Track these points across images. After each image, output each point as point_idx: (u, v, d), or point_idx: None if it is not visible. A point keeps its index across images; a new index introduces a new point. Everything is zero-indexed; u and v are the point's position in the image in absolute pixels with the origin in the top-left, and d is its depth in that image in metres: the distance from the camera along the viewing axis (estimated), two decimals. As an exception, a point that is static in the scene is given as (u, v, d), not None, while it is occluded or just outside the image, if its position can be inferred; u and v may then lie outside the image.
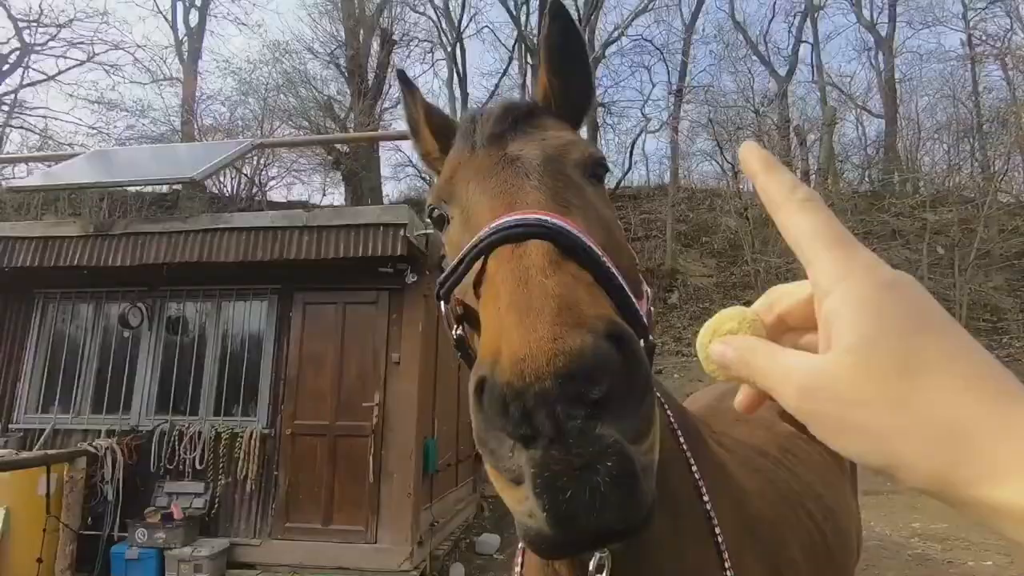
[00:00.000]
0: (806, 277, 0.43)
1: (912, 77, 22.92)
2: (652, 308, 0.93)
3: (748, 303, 0.52)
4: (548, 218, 0.69)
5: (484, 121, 0.93)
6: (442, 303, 0.81)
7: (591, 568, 0.83)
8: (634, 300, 0.70)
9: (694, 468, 1.12)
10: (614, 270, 0.69)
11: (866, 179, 21.40)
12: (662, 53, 24.61)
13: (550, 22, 0.98)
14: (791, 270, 15.03)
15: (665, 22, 25.62)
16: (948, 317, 0.37)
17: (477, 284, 0.72)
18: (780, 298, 0.50)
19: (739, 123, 19.20)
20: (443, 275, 0.80)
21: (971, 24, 22.07)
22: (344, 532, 5.73)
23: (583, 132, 1.06)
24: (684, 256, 19.74)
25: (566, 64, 1.00)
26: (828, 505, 1.80)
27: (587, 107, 1.04)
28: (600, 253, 0.68)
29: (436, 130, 1.13)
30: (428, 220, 0.94)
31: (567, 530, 0.52)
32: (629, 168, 23.87)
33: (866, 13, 24.25)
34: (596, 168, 0.88)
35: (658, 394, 1.14)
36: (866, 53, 24.66)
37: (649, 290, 0.90)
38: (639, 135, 24.19)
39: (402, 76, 1.20)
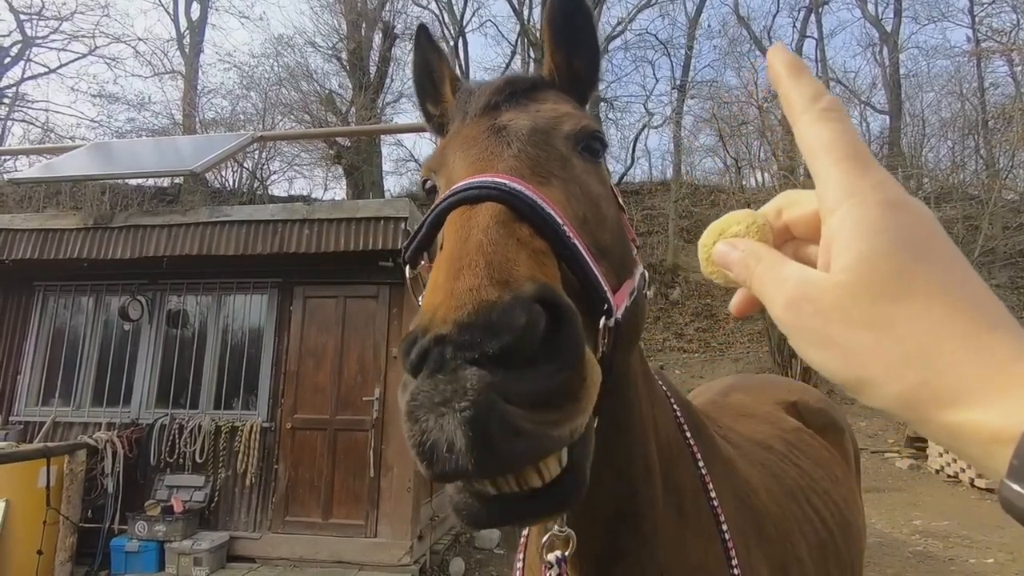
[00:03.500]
0: None
1: (917, 73, 22.79)
2: (648, 293, 0.90)
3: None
4: (508, 182, 0.68)
5: (481, 92, 0.91)
6: (407, 268, 0.79)
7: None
8: (599, 276, 0.67)
9: (700, 463, 1.10)
10: (576, 241, 0.66)
11: (869, 175, 21.23)
12: (666, 48, 24.53)
13: None
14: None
15: (669, 16, 25.51)
16: (951, 247, 0.37)
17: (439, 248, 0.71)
18: (790, 205, 0.49)
19: (743, 118, 19.08)
20: (407, 242, 0.78)
21: (977, 19, 21.92)
22: (344, 526, 5.72)
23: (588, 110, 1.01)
24: (686, 252, 19.68)
25: (570, 37, 0.96)
26: (835, 500, 1.78)
27: (594, 82, 1.00)
28: (562, 222, 0.66)
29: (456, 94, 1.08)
30: (425, 193, 0.91)
31: (431, 470, 0.51)
32: (631, 164, 23.82)
33: (871, 8, 24.11)
34: (590, 141, 0.85)
35: (664, 388, 1.12)
36: (871, 48, 24.50)
37: (645, 272, 0.88)
38: (641, 130, 24.15)
39: (424, 30, 1.14)
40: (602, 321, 0.67)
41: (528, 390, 0.51)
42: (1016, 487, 0.30)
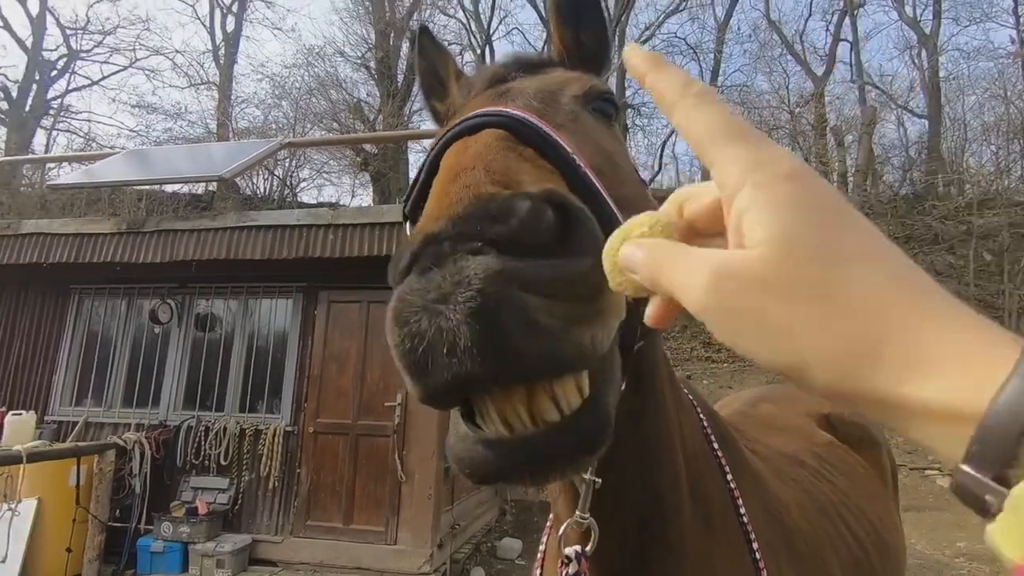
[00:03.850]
0: None
1: (958, 76, 22.06)
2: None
3: None
4: (511, 110, 0.62)
5: (486, 68, 0.88)
6: (407, 225, 0.73)
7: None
8: (616, 212, 0.59)
9: (728, 475, 1.05)
10: (588, 172, 0.59)
11: (907, 181, 20.66)
12: (695, 52, 24.26)
13: None
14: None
15: (699, 20, 25.25)
16: (860, 214, 0.35)
17: None
18: (688, 200, 0.45)
19: (774, 123, 18.75)
20: (406, 193, 0.72)
21: (1022, 20, 21.16)
22: (364, 532, 5.70)
23: None
24: (715, 260, 19.35)
25: (577, 13, 0.93)
26: (870, 519, 1.70)
27: (604, 59, 0.96)
28: (571, 150, 0.59)
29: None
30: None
31: (424, 384, 0.44)
32: (659, 170, 23.53)
33: (908, 10, 23.45)
34: (600, 102, 0.80)
35: (690, 397, 1.06)
36: (908, 51, 23.81)
37: None
38: (670, 136, 23.86)
39: (426, 31, 1.12)
40: None
41: (544, 277, 0.44)
42: (974, 473, 0.27)
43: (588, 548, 0.77)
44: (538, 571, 1.06)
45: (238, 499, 5.93)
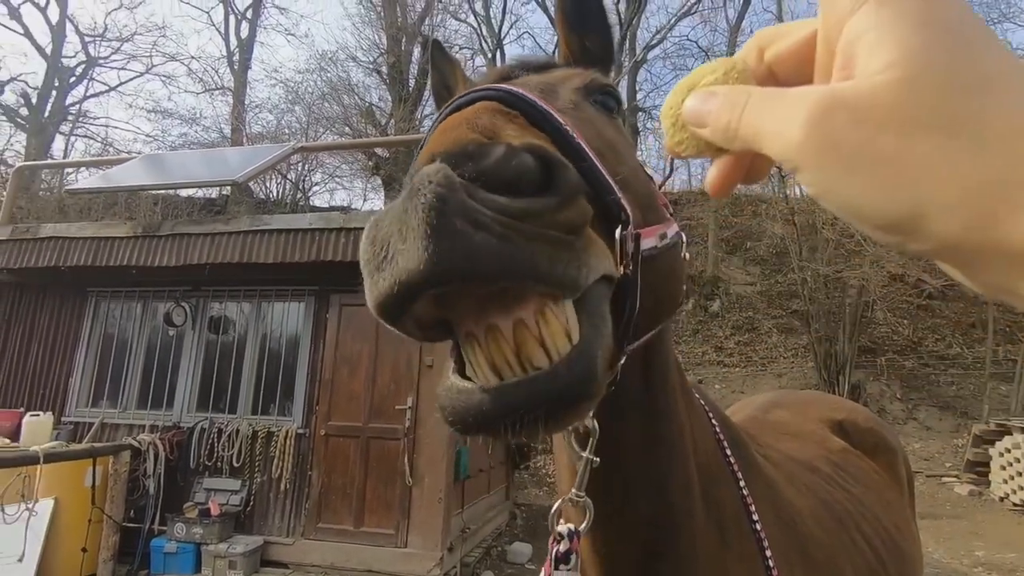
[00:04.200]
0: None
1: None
2: (686, 247, 0.81)
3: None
4: (505, 86, 0.62)
5: (492, 70, 0.90)
6: None
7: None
8: (611, 181, 0.58)
9: (741, 482, 1.04)
10: (582, 142, 0.58)
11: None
12: (707, 55, 24.13)
13: None
14: (841, 279, 14.42)
15: (710, 23, 25.17)
16: (998, 37, 0.30)
17: None
18: (773, 40, 0.40)
19: (786, 127, 18.61)
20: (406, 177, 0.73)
21: (1040, 20, 20.86)
22: (374, 535, 5.71)
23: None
24: (727, 263, 19.23)
25: (582, 18, 0.95)
26: (887, 528, 1.67)
27: (610, 63, 0.96)
28: (564, 123, 0.58)
29: None
30: None
31: (379, 277, 0.44)
32: (670, 173, 23.05)
33: (923, 11, 23.22)
34: (602, 95, 0.79)
35: (701, 401, 1.05)
36: (923, 53, 23.54)
37: (682, 234, 0.78)
38: (681, 140, 23.75)
39: (438, 45, 1.14)
40: (618, 231, 0.56)
41: (506, 205, 0.43)
42: None
43: (583, 527, 0.77)
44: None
45: (250, 501, 5.97)
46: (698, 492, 0.91)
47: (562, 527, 0.78)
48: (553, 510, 0.79)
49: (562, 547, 0.77)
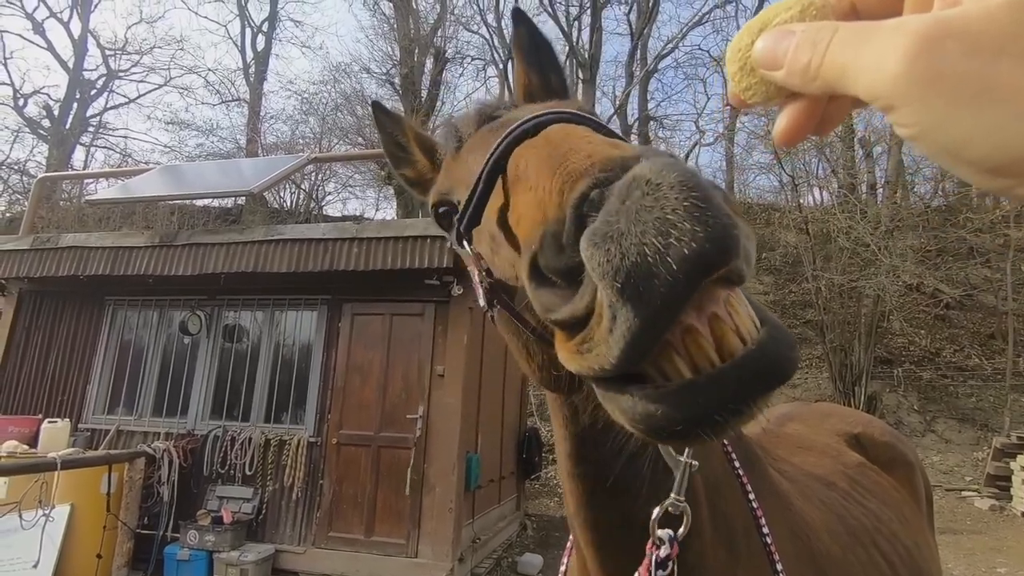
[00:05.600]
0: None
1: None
2: None
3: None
4: (563, 109, 0.64)
5: (472, 114, 0.89)
6: (465, 244, 0.73)
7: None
8: None
9: (751, 496, 1.02)
10: None
11: (939, 193, 20.15)
12: (718, 64, 24.10)
13: (515, 27, 1.02)
14: (856, 289, 14.24)
15: (722, 32, 25.14)
16: None
17: (504, 208, 0.63)
18: None
19: (799, 135, 18.47)
20: (461, 210, 0.72)
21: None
22: (385, 544, 5.70)
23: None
24: (739, 272, 19.03)
25: (539, 58, 1.01)
26: (904, 544, 1.64)
27: (565, 96, 1.00)
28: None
29: (426, 150, 1.09)
30: (436, 221, 0.89)
31: (653, 285, 0.40)
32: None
33: (938, 19, 23.03)
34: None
35: None
36: (938, 61, 23.32)
37: None
38: (693, 147, 23.71)
39: (378, 106, 1.17)
40: None
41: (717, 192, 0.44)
42: None
43: (681, 532, 0.78)
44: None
45: (262, 509, 5.99)
46: (706, 506, 0.91)
47: (662, 532, 0.78)
48: (654, 516, 0.78)
49: (663, 552, 0.77)
